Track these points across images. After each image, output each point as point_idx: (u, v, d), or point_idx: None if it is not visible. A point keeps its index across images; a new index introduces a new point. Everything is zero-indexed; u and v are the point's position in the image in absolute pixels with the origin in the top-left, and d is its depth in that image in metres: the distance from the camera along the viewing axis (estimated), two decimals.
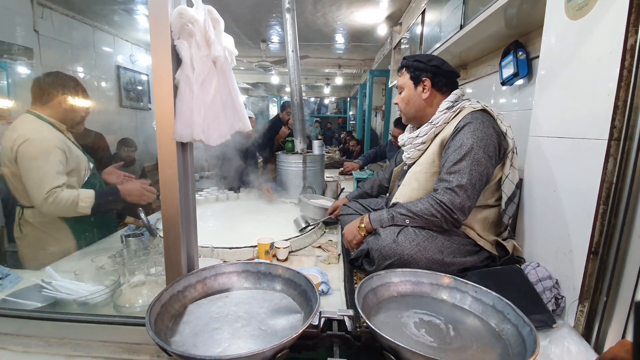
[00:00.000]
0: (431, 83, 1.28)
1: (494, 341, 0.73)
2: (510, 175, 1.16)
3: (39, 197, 1.39)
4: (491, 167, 1.14)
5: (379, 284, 0.88)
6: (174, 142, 0.80)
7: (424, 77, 1.28)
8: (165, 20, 0.75)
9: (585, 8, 0.96)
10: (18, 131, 1.42)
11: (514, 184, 1.17)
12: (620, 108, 0.85)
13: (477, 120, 1.14)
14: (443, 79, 1.28)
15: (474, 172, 1.10)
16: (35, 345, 0.88)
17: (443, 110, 1.24)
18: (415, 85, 1.30)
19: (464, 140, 1.13)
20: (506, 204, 1.17)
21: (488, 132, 1.13)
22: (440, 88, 1.28)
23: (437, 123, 1.24)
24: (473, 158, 1.10)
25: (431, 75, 1.27)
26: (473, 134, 1.12)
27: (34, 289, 1.05)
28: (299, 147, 2.49)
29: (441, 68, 1.27)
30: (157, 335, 0.64)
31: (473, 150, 1.11)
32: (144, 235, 1.47)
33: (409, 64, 1.31)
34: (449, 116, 1.23)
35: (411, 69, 1.31)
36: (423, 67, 1.28)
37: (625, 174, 0.84)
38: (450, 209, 1.09)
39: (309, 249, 1.60)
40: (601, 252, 0.89)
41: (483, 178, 1.13)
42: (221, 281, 0.90)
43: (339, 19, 3.89)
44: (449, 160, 1.14)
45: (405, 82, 1.33)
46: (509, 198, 1.16)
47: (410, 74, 1.31)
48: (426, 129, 1.26)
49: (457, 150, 1.13)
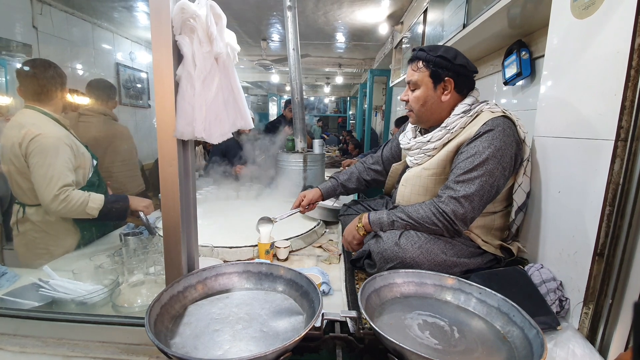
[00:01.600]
0: (454, 84, 1.13)
1: (500, 344, 0.72)
2: (523, 185, 1.11)
3: (49, 195, 1.36)
4: (503, 179, 1.07)
5: (382, 285, 0.87)
6: (175, 139, 0.79)
7: (447, 77, 1.13)
8: (167, 15, 0.74)
9: (592, 7, 0.95)
10: (26, 126, 1.39)
11: (525, 193, 1.12)
12: (627, 108, 0.83)
13: (498, 128, 1.05)
14: (466, 80, 1.15)
15: (485, 184, 1.04)
16: (32, 345, 0.87)
17: (459, 114, 1.13)
18: (435, 84, 1.15)
19: (480, 149, 1.04)
20: (516, 213, 1.13)
21: (507, 142, 1.05)
22: (461, 90, 1.16)
23: (452, 128, 1.13)
24: (486, 169, 1.03)
25: (455, 75, 1.13)
26: (491, 143, 1.04)
27: (32, 288, 1.03)
28: (300, 146, 2.48)
29: (467, 68, 1.13)
30: (157, 337, 0.63)
31: (488, 160, 1.03)
32: (143, 234, 1.45)
33: (430, 59, 1.13)
34: (465, 121, 1.12)
35: (431, 64, 1.13)
36: (448, 66, 1.12)
37: (632, 175, 0.83)
38: (452, 219, 1.05)
39: (310, 248, 1.59)
40: (607, 254, 0.88)
41: (493, 190, 1.07)
42: (222, 282, 0.88)
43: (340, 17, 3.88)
44: (460, 168, 1.07)
45: (422, 79, 1.16)
46: (519, 207, 1.12)
47: (430, 70, 1.14)
48: (439, 134, 1.15)
49: (471, 158, 1.05)
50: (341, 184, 1.60)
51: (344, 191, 1.63)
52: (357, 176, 1.60)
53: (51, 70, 1.52)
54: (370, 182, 1.59)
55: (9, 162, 1.42)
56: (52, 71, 1.52)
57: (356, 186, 1.61)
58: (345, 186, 1.61)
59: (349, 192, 1.65)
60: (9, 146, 1.40)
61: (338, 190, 1.61)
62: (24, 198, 1.48)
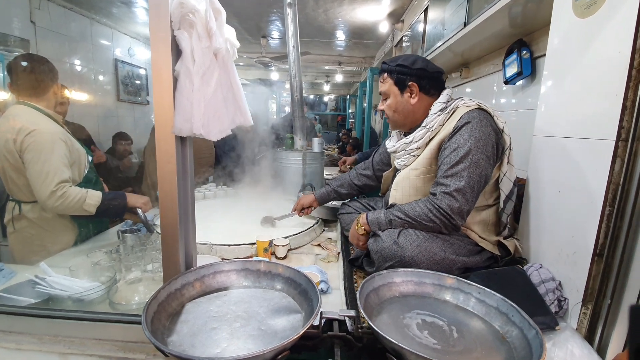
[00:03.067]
0: (419, 87, 1.21)
1: (499, 344, 0.72)
2: (507, 173, 1.14)
3: (46, 191, 1.35)
4: (489, 167, 1.11)
5: (381, 284, 0.87)
6: (173, 136, 0.78)
7: (410, 82, 1.21)
8: (166, 9, 0.73)
9: (594, 6, 0.94)
10: (20, 122, 1.37)
11: (511, 182, 1.15)
12: (628, 108, 0.83)
13: (474, 120, 1.10)
14: (430, 81, 1.22)
15: (473, 174, 1.07)
16: (28, 342, 0.86)
17: (437, 113, 1.19)
18: (402, 91, 1.24)
19: (461, 142, 1.09)
20: (504, 202, 1.15)
21: (486, 132, 1.09)
22: (428, 91, 1.23)
23: (432, 126, 1.18)
24: (471, 160, 1.07)
25: (417, 79, 1.21)
26: (471, 135, 1.08)
27: (28, 285, 1.03)
28: (299, 144, 2.47)
29: (427, 70, 1.21)
30: (154, 334, 0.62)
31: (471, 152, 1.07)
32: (140, 231, 1.44)
33: (391, 69, 1.24)
34: (443, 118, 1.18)
35: (394, 74, 1.23)
36: (407, 72, 1.21)
37: (632, 175, 0.83)
38: (448, 214, 1.06)
39: (308, 247, 1.58)
40: (606, 254, 0.87)
41: (482, 180, 1.10)
42: (220, 279, 0.88)
43: (340, 15, 3.86)
44: (446, 163, 1.10)
45: (389, 89, 1.26)
46: (507, 196, 1.15)
47: (394, 79, 1.24)
48: (420, 133, 1.21)
49: (454, 152, 1.09)
50: (334, 189, 1.69)
51: (337, 197, 1.71)
52: (349, 182, 1.68)
53: (43, 66, 1.50)
54: (362, 187, 1.67)
55: (3, 158, 1.40)
56: (44, 66, 1.50)
57: (348, 192, 1.69)
58: (338, 192, 1.69)
59: (342, 197, 1.74)
60: (2, 142, 1.38)
61: (332, 195, 1.70)
62: (19, 195, 1.46)
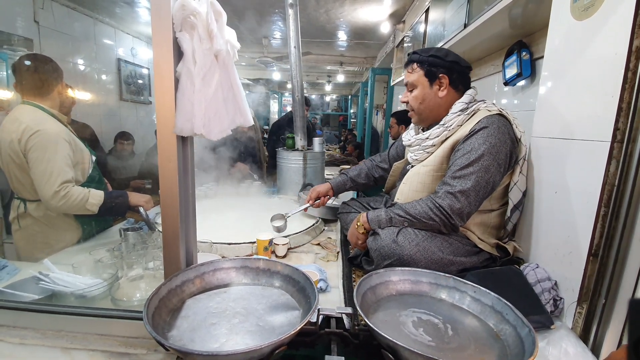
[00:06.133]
0: (449, 80, 1.20)
1: (492, 341, 0.73)
2: (519, 183, 1.14)
3: (49, 191, 1.36)
4: (499, 175, 1.11)
5: (378, 282, 0.88)
6: (174, 135, 0.80)
7: (441, 74, 1.19)
8: (167, 12, 0.74)
9: (592, 9, 0.95)
10: (24, 122, 1.39)
11: (521, 192, 1.14)
12: (624, 110, 0.84)
13: (493, 125, 1.09)
14: (460, 76, 1.20)
15: (480, 179, 1.07)
16: (31, 337, 0.88)
17: (457, 112, 1.18)
18: (431, 83, 1.21)
19: (475, 146, 1.08)
20: (511, 212, 1.15)
21: (502, 139, 1.08)
22: (457, 86, 1.21)
23: (450, 126, 1.17)
24: (482, 165, 1.07)
25: (448, 71, 1.19)
26: (486, 140, 1.08)
27: (32, 281, 1.04)
28: (300, 144, 2.48)
29: (459, 64, 1.19)
30: (155, 329, 0.64)
31: (483, 157, 1.07)
32: (142, 229, 1.46)
33: (423, 59, 1.21)
34: (462, 119, 1.17)
35: (425, 64, 1.21)
36: (440, 63, 1.19)
37: (627, 176, 0.84)
38: (448, 214, 1.07)
39: (308, 246, 1.59)
40: (601, 255, 0.88)
41: (488, 186, 1.09)
42: (220, 276, 0.89)
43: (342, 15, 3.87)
44: (456, 164, 1.10)
45: (418, 79, 1.23)
46: (515, 205, 1.14)
47: (424, 70, 1.21)
48: (438, 131, 1.20)
49: (467, 154, 1.09)
50: (350, 178, 1.67)
51: (353, 186, 1.69)
52: (366, 172, 1.66)
53: (47, 65, 1.51)
54: (378, 179, 1.66)
55: (9, 158, 1.42)
56: (48, 66, 1.51)
57: (365, 182, 1.68)
58: (355, 181, 1.67)
59: (358, 187, 1.72)
60: (7, 143, 1.39)
61: (348, 185, 1.68)
62: (24, 193, 1.48)
